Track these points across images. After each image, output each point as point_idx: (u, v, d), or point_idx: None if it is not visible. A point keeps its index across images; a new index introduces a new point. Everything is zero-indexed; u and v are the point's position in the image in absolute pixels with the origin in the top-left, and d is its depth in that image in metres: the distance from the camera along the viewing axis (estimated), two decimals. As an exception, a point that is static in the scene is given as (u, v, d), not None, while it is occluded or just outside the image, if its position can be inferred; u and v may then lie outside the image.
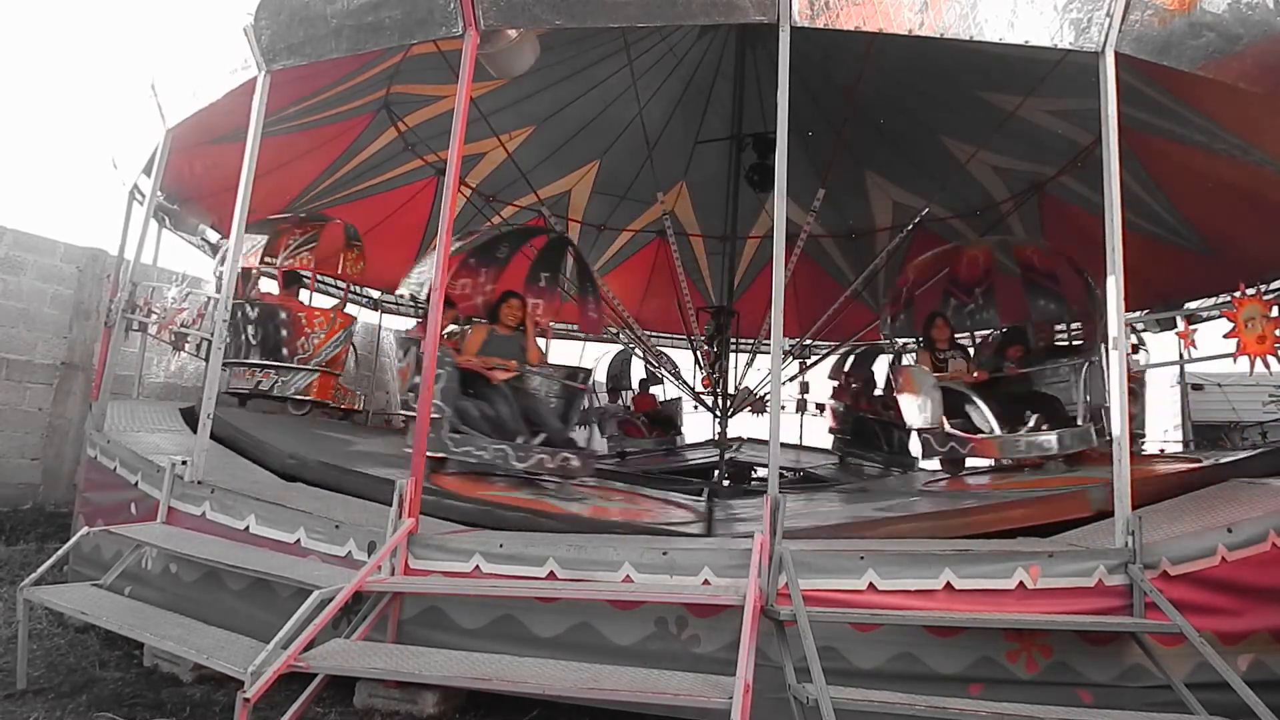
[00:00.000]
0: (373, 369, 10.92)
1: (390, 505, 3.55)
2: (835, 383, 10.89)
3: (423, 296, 5.87)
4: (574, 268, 6.95)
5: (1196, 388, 11.17)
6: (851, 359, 10.78)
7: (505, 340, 5.83)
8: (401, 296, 9.78)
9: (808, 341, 9.96)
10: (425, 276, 6.01)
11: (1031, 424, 5.82)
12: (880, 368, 10.54)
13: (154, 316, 5.35)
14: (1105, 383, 5.60)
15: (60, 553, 3.84)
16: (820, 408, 11.96)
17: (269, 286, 7.89)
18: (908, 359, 7.51)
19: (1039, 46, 3.61)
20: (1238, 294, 3.41)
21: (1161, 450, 9.51)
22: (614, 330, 9.77)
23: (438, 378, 5.06)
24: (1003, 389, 6.33)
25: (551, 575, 3.35)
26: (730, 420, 8.87)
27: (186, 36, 5.29)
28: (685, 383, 9.58)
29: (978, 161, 7.94)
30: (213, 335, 4.48)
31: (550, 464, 5.29)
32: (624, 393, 12.05)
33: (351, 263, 7.95)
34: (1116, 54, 3.47)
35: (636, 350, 9.95)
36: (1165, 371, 11.10)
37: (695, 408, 10.00)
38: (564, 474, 5.39)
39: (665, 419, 11.41)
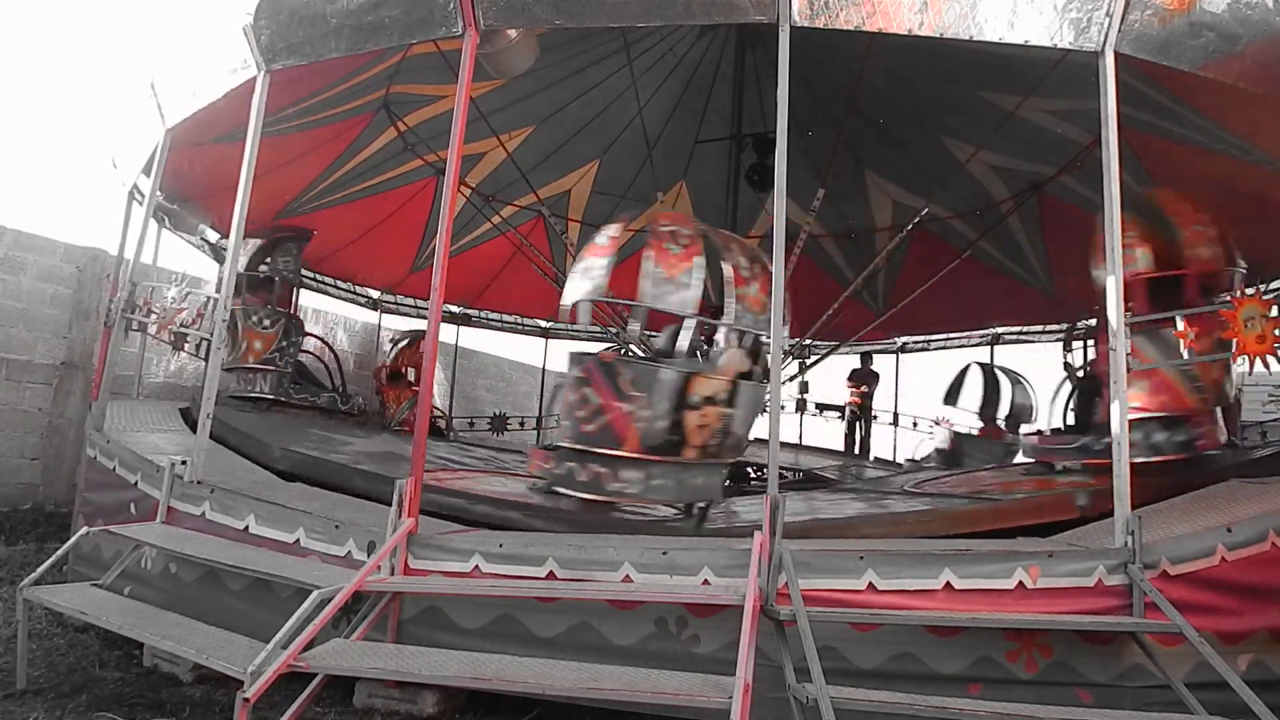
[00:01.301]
0: (371, 368, 10.92)
1: (390, 505, 3.55)
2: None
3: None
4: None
5: (1196, 388, 11.14)
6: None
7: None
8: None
9: (807, 341, 9.95)
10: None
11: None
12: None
13: (154, 316, 5.35)
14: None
15: (60, 553, 3.84)
16: (820, 408, 11.94)
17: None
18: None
19: (1039, 46, 3.62)
20: (1237, 293, 3.41)
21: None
22: (613, 329, 9.76)
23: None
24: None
25: (551, 575, 3.35)
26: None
27: (186, 36, 5.30)
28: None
29: (978, 161, 7.93)
30: (212, 335, 4.48)
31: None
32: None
33: None
34: (1116, 54, 3.47)
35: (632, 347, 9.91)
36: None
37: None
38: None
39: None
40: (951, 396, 10.52)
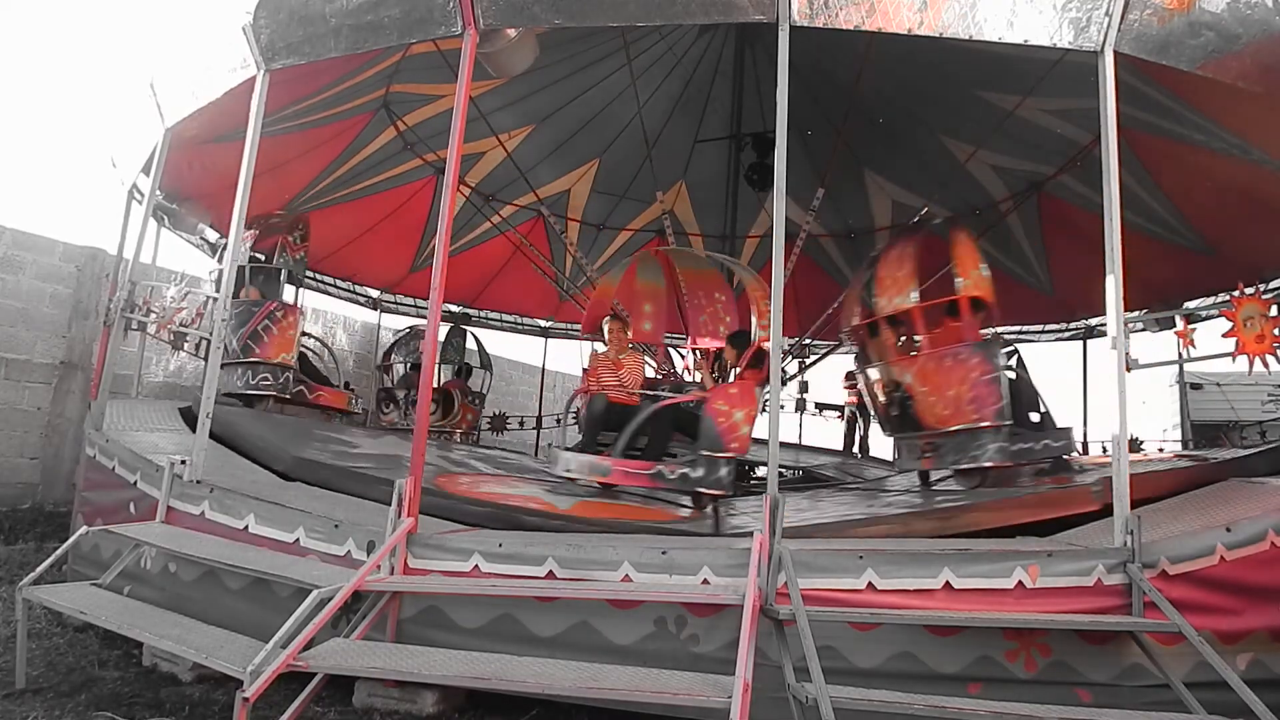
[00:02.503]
0: (371, 369, 10.92)
1: (389, 505, 3.55)
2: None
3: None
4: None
5: (1195, 387, 11.17)
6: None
7: None
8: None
9: (807, 341, 9.95)
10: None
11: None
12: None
13: (153, 315, 5.34)
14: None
15: (59, 552, 3.84)
16: (820, 408, 11.96)
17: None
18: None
19: (1038, 46, 3.62)
20: (1236, 293, 3.41)
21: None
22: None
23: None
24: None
25: (550, 575, 3.35)
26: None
27: (186, 36, 5.29)
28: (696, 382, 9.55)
29: (977, 161, 7.93)
30: (211, 334, 4.48)
31: None
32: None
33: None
34: (1115, 53, 3.47)
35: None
36: (1164, 371, 11.10)
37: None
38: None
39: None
40: None
